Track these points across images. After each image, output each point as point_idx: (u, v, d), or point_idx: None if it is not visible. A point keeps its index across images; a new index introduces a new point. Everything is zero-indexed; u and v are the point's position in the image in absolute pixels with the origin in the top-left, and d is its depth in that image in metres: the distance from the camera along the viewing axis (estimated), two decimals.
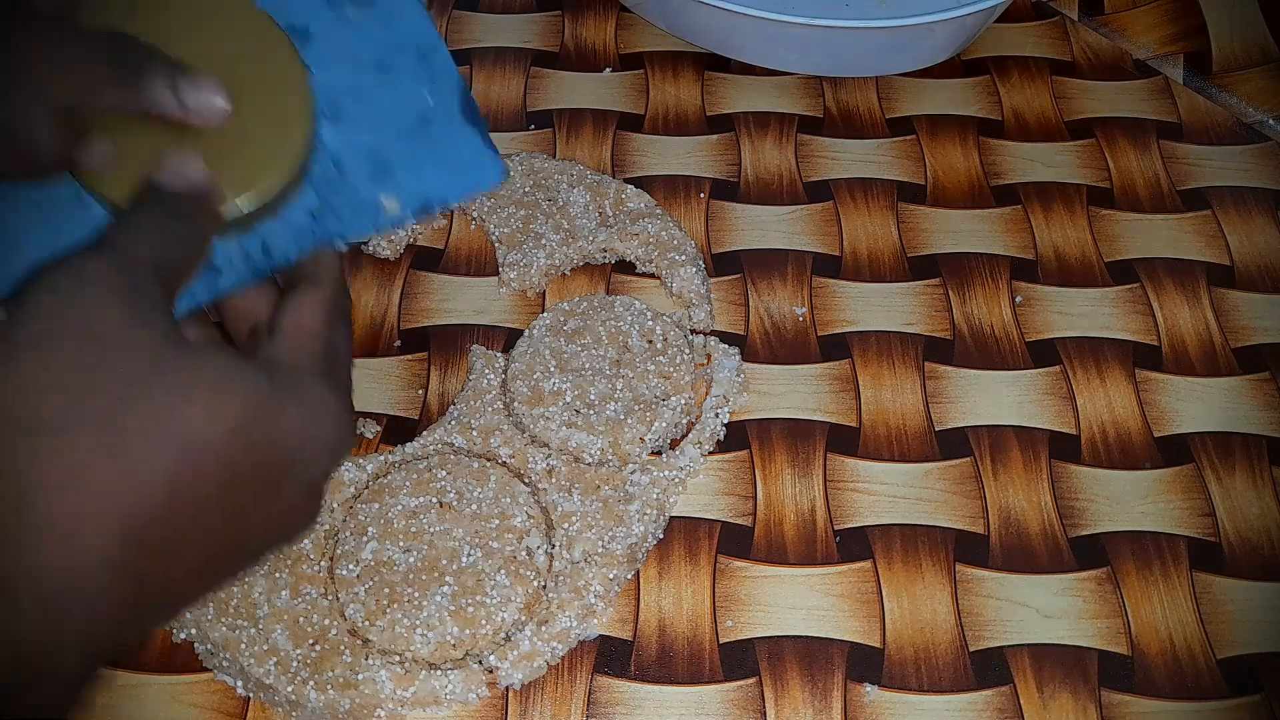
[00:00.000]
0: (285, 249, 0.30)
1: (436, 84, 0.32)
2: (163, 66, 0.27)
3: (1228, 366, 0.45)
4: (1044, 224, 0.50)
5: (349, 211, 0.31)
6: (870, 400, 0.44)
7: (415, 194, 0.31)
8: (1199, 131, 0.54)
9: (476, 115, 0.32)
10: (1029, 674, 0.37)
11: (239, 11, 0.30)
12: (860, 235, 0.49)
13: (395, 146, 0.31)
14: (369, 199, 0.31)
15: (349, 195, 0.31)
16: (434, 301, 0.47)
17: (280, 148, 0.29)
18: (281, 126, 0.29)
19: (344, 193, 0.31)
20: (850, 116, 0.54)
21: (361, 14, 0.32)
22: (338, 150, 0.31)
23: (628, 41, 0.58)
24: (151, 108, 0.27)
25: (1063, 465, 0.42)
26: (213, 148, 0.28)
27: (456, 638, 0.36)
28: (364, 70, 0.31)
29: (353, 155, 0.31)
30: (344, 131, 0.31)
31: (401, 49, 0.32)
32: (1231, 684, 0.37)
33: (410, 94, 0.31)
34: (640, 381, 0.42)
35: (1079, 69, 0.57)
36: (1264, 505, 0.41)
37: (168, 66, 0.27)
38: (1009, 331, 0.46)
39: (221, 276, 0.29)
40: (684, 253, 0.46)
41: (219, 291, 0.30)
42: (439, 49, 0.32)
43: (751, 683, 0.36)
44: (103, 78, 0.27)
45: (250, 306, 0.30)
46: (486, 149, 0.31)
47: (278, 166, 0.29)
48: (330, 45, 0.31)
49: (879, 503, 0.41)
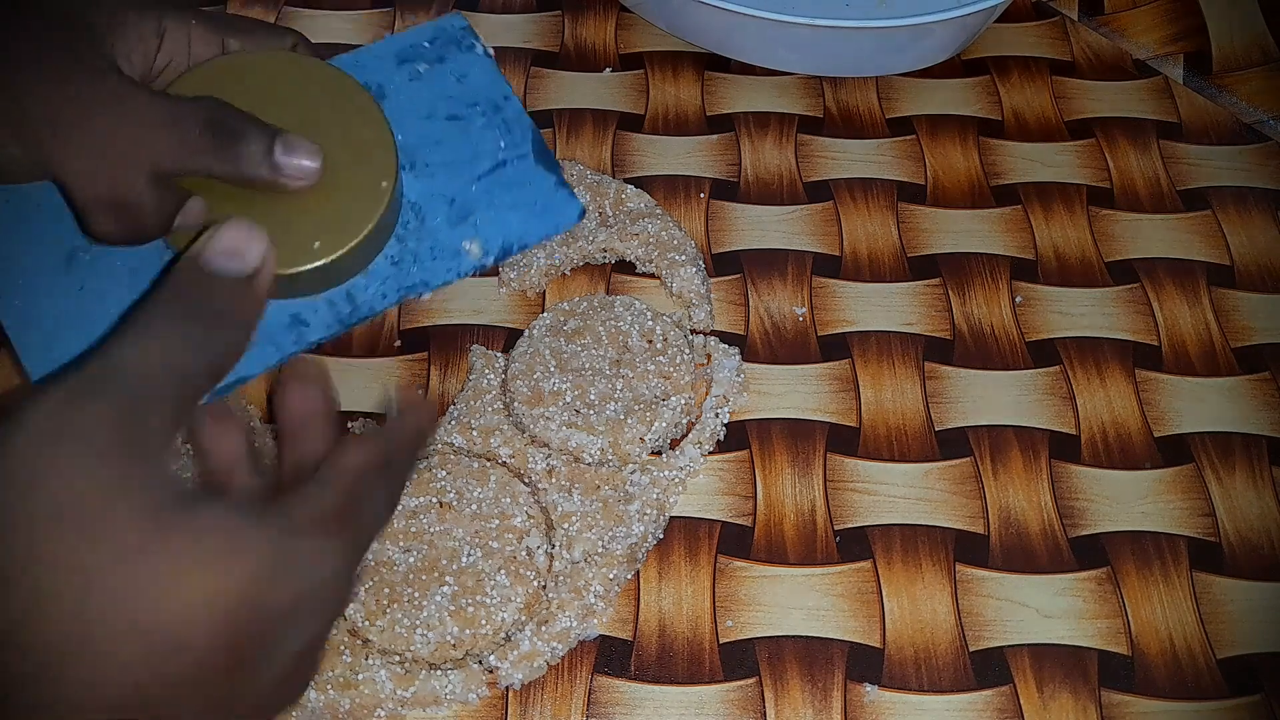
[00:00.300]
0: (370, 299, 0.30)
1: (510, 130, 0.32)
2: (258, 131, 0.28)
3: (1228, 366, 0.45)
4: (1044, 224, 0.50)
5: (431, 259, 0.31)
6: (870, 400, 0.44)
7: (496, 237, 0.32)
8: (1199, 131, 0.54)
9: (551, 158, 0.33)
10: (1029, 674, 0.37)
11: (319, 72, 0.31)
12: (860, 235, 0.49)
13: (473, 192, 0.32)
14: (451, 245, 0.31)
15: (431, 242, 0.31)
16: (434, 301, 0.47)
17: (367, 201, 0.29)
18: (367, 180, 0.29)
19: (426, 240, 0.31)
20: (850, 116, 0.54)
21: (433, 71, 0.33)
22: (418, 199, 0.31)
23: (628, 41, 0.58)
24: (248, 172, 0.27)
25: (1063, 465, 0.42)
26: (300, 204, 0.28)
27: (456, 638, 0.36)
28: (438, 121, 0.32)
29: (432, 203, 0.32)
30: (423, 180, 0.32)
31: (474, 102, 0.32)
32: (1231, 684, 0.37)
33: (485, 141, 0.32)
34: (640, 381, 0.42)
35: (1079, 69, 0.57)
36: (1264, 505, 0.41)
37: (263, 131, 0.28)
38: (1009, 331, 0.46)
39: (309, 329, 0.30)
40: (684, 253, 0.46)
41: (306, 344, 0.30)
42: (511, 99, 0.33)
43: (751, 683, 0.36)
44: (202, 145, 0.27)
45: (309, 440, 0.27)
46: (563, 190, 0.32)
47: (364, 219, 0.29)
48: (404, 101, 0.32)
49: (879, 503, 0.41)
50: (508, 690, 0.36)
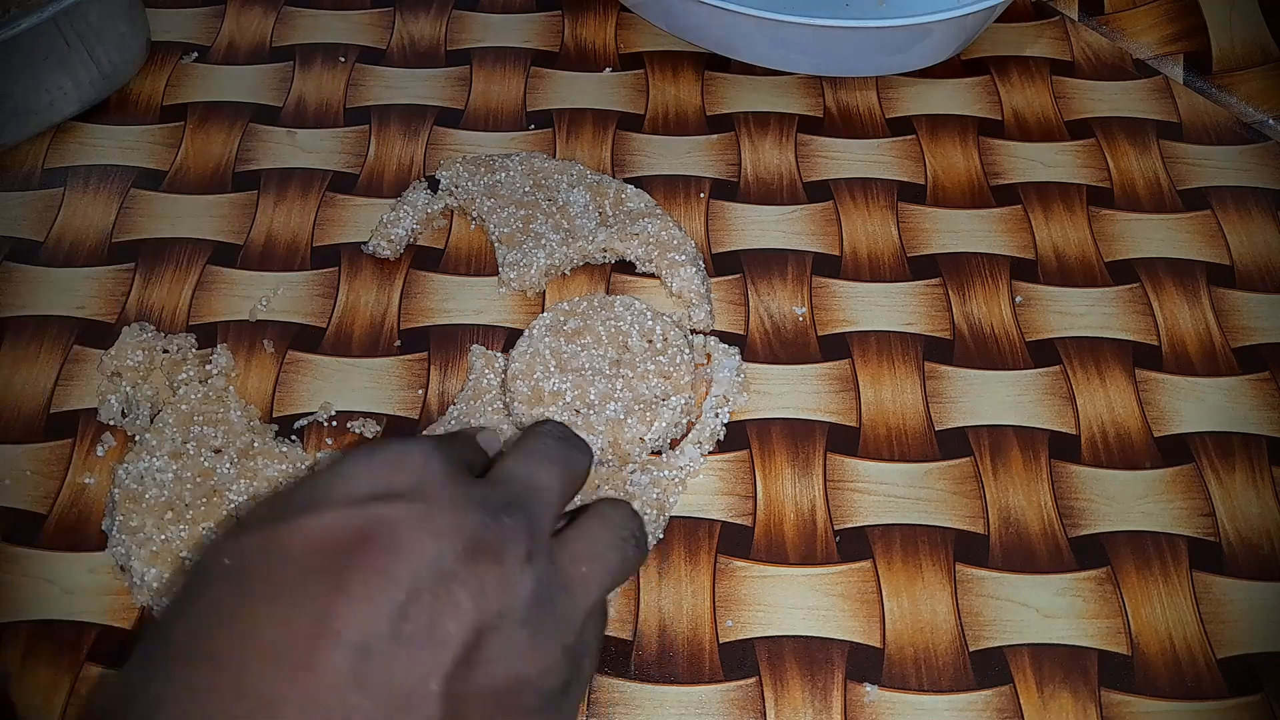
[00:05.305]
0: None
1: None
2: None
3: (1228, 366, 0.45)
4: (1044, 224, 0.50)
5: None
6: (870, 400, 0.44)
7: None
8: (1199, 131, 0.54)
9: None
10: (1029, 674, 0.37)
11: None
12: (860, 235, 0.49)
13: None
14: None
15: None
16: (434, 301, 0.47)
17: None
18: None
19: None
20: (850, 116, 0.54)
21: None
22: None
23: (628, 41, 0.58)
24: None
25: (1063, 465, 0.42)
26: None
27: None
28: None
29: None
30: None
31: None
32: (1231, 684, 0.37)
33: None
34: (640, 381, 0.42)
35: (1079, 69, 0.57)
36: (1264, 505, 0.41)
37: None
38: (1009, 331, 0.46)
39: None
40: (684, 253, 0.46)
41: None
42: None
43: (751, 683, 0.36)
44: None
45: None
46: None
47: None
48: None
49: (879, 503, 0.41)
50: None
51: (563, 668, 0.23)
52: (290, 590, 0.21)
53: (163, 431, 0.41)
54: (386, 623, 0.21)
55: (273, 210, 0.50)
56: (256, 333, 0.45)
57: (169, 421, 0.41)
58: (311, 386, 0.44)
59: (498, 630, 0.22)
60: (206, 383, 0.43)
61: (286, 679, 0.20)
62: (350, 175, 0.51)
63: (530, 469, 0.26)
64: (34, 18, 0.48)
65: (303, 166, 0.52)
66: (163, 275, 0.47)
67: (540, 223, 0.48)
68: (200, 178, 0.51)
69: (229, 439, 0.41)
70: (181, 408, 0.42)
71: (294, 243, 0.49)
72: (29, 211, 0.50)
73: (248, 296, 0.47)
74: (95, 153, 0.53)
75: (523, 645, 0.22)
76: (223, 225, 0.49)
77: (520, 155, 0.51)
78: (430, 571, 0.21)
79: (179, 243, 0.49)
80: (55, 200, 0.50)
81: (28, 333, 0.45)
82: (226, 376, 0.43)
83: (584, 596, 0.24)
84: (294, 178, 0.51)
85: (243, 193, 0.51)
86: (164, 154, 0.53)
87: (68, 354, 0.45)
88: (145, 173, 0.52)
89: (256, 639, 0.20)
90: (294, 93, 0.55)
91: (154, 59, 0.57)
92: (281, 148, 0.53)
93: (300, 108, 0.55)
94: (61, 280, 0.47)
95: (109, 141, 0.53)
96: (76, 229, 0.49)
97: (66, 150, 0.53)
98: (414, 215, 0.49)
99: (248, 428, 0.41)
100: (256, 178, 0.51)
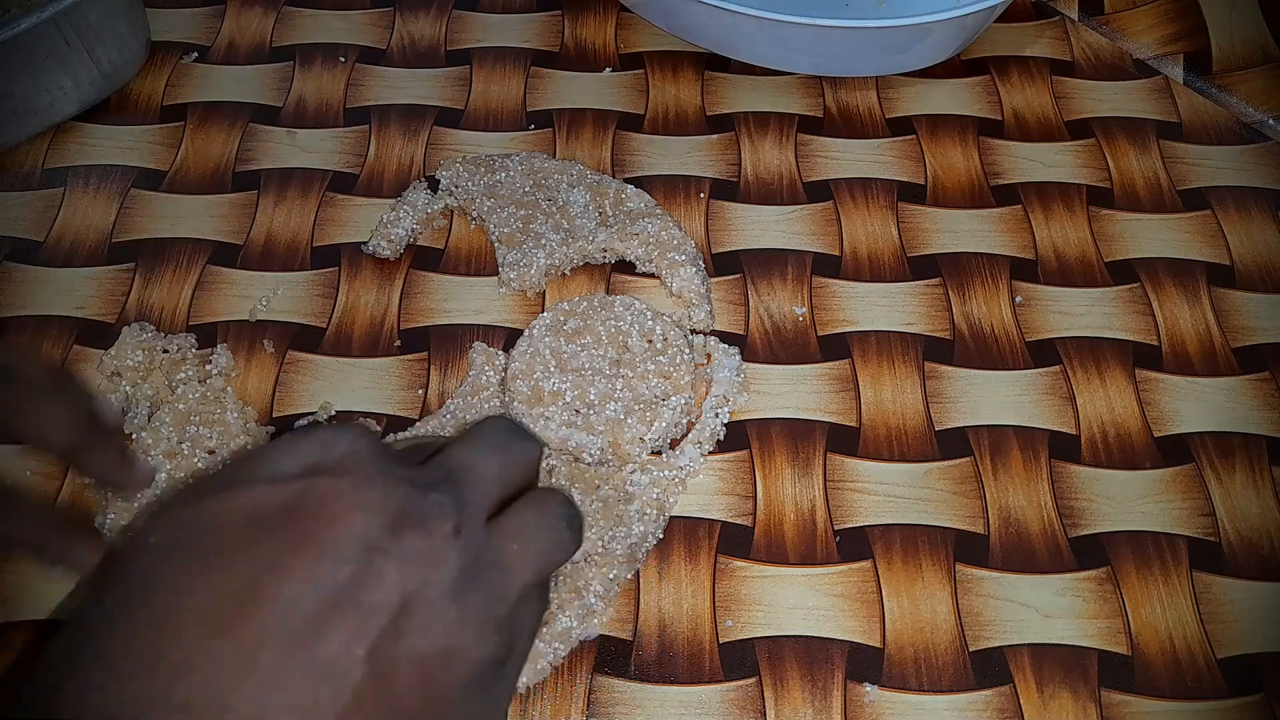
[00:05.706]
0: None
1: None
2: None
3: (1228, 366, 0.45)
4: (1044, 224, 0.50)
5: None
6: (870, 400, 0.44)
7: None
8: (1199, 131, 0.54)
9: None
10: (1029, 674, 0.37)
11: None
12: (860, 235, 0.49)
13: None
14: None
15: None
16: (434, 301, 0.47)
17: None
18: None
19: None
20: (850, 116, 0.54)
21: None
22: None
23: (628, 41, 0.58)
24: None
25: (1063, 465, 0.42)
26: None
27: None
28: None
29: None
30: None
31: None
32: (1231, 684, 0.37)
33: None
34: (640, 381, 0.42)
35: (1079, 69, 0.57)
36: (1264, 505, 0.41)
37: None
38: (1009, 331, 0.46)
39: None
40: (684, 253, 0.46)
41: None
42: None
43: (751, 683, 0.36)
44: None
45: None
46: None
47: None
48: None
49: (879, 503, 0.41)
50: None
51: (493, 642, 0.23)
52: (218, 560, 0.22)
53: (158, 431, 0.41)
54: (314, 590, 0.21)
55: (273, 210, 0.50)
56: (256, 333, 0.45)
57: (165, 421, 0.41)
58: (311, 386, 0.44)
59: (425, 600, 0.22)
60: (205, 383, 0.43)
61: (212, 644, 0.20)
62: (350, 175, 0.51)
63: (466, 452, 0.26)
64: (34, 18, 0.48)
65: (303, 166, 0.52)
66: (163, 275, 0.47)
67: (540, 223, 0.48)
68: (200, 178, 0.51)
69: (224, 440, 0.41)
70: (179, 408, 0.42)
71: (294, 243, 0.49)
72: (29, 211, 0.50)
73: (248, 296, 0.47)
74: (95, 153, 0.53)
75: (450, 616, 0.22)
76: (223, 225, 0.49)
77: (520, 155, 0.51)
78: (357, 542, 0.22)
79: (179, 243, 0.49)
80: (55, 200, 0.50)
81: (28, 333, 0.45)
82: (226, 377, 0.43)
83: (517, 574, 0.25)
84: (294, 178, 0.51)
85: (243, 193, 0.51)
86: (164, 154, 0.53)
87: (67, 354, 0.45)
88: (145, 173, 0.52)
89: (181, 607, 0.21)
90: (294, 93, 0.55)
91: (154, 59, 0.57)
92: (281, 148, 0.53)
93: (300, 108, 0.55)
94: (61, 280, 0.47)
95: (109, 141, 0.53)
96: (76, 229, 0.49)
97: (66, 150, 0.53)
98: (414, 215, 0.49)
99: (243, 429, 0.41)
100: (256, 178, 0.51)
